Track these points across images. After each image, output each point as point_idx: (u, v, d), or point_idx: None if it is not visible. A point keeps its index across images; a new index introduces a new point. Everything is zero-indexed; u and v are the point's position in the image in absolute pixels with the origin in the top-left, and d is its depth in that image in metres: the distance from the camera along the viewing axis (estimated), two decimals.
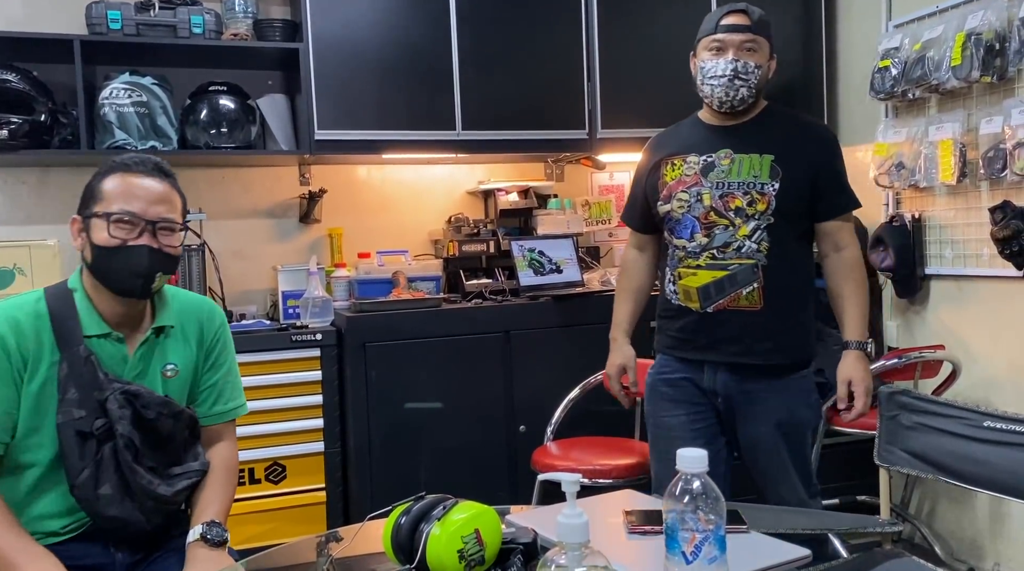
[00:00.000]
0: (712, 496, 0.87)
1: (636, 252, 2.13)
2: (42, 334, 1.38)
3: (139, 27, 2.63)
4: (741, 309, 1.86)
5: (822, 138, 1.95)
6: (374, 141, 2.80)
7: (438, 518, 1.02)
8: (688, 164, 1.92)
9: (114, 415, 1.38)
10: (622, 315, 2.09)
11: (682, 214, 1.91)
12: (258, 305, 2.99)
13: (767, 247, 1.85)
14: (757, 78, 1.87)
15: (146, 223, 1.39)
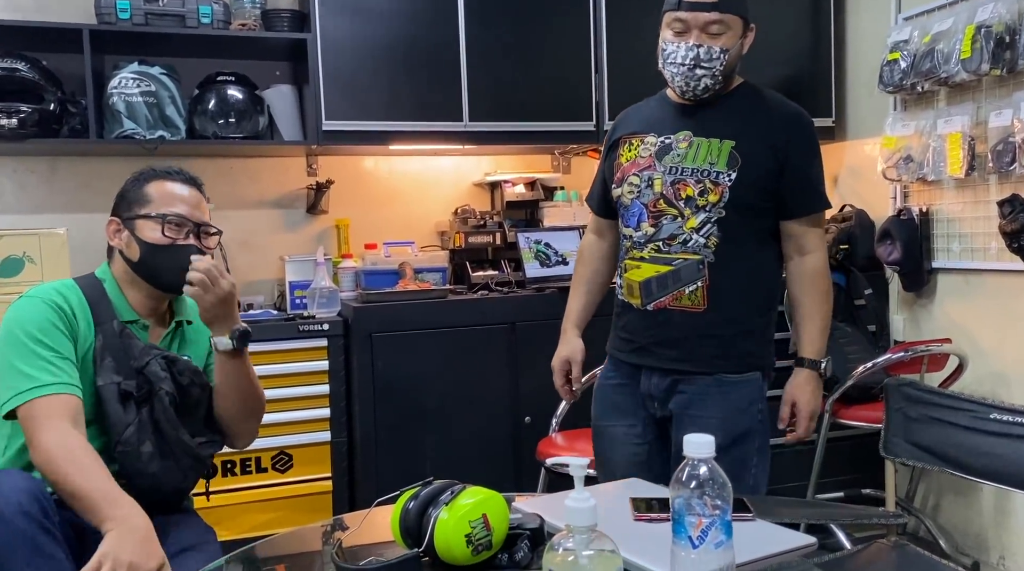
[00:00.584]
0: (719, 482, 0.88)
1: (594, 238, 1.96)
2: (82, 311, 1.50)
3: (148, 17, 2.64)
4: (683, 309, 1.69)
5: (795, 126, 1.71)
6: (382, 132, 2.80)
7: (446, 503, 1.03)
8: (645, 145, 1.75)
9: (157, 376, 1.49)
10: (573, 305, 1.95)
11: (631, 200, 1.74)
12: (265, 295, 3.00)
13: (716, 243, 1.66)
14: (723, 63, 1.65)
15: (193, 225, 1.56)
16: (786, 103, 1.75)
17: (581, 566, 0.82)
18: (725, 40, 1.65)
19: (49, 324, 1.43)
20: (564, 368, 1.91)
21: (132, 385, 1.47)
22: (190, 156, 2.92)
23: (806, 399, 1.72)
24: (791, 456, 2.93)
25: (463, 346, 2.70)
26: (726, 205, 1.65)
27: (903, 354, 2.60)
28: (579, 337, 1.92)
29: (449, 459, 2.65)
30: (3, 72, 2.48)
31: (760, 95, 1.75)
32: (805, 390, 1.72)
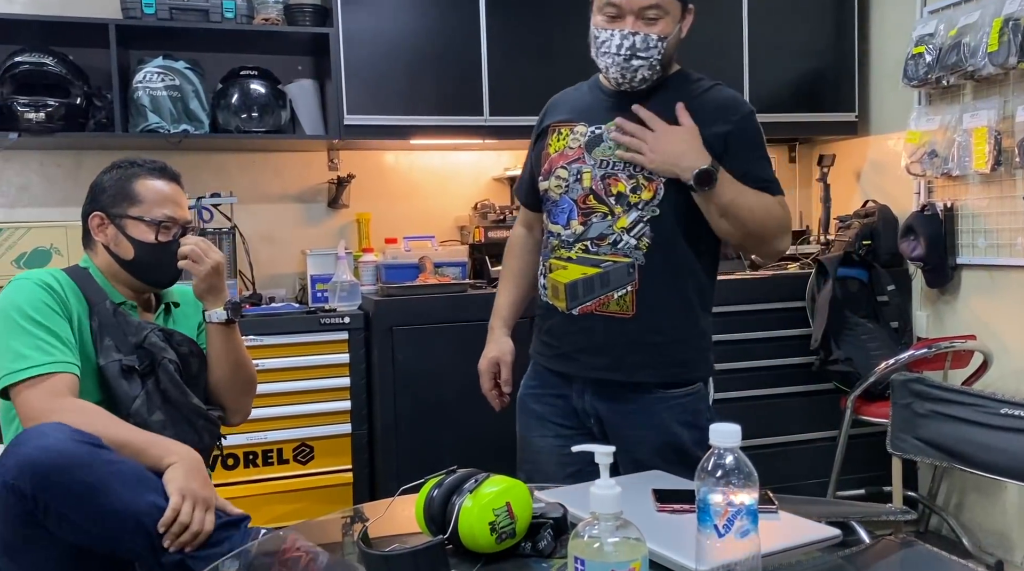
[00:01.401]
0: (745, 471, 0.88)
1: (524, 231, 1.83)
2: (74, 292, 1.53)
3: (172, 11, 2.66)
4: (610, 315, 1.56)
5: (734, 115, 1.58)
6: (403, 126, 2.82)
7: (470, 491, 1.04)
8: (574, 135, 1.61)
9: (158, 347, 1.54)
10: (501, 301, 1.82)
11: (559, 195, 1.61)
12: (287, 288, 3.02)
13: (647, 245, 1.54)
14: (661, 53, 1.52)
15: (180, 227, 1.61)
16: (724, 91, 1.62)
17: (607, 553, 0.82)
18: (663, 26, 1.52)
19: (41, 303, 1.46)
20: (492, 370, 1.77)
21: (134, 360, 1.51)
22: (213, 150, 2.95)
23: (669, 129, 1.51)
24: (812, 453, 2.92)
25: (482, 340, 2.66)
26: (660, 203, 1.53)
27: (926, 350, 2.57)
28: (508, 336, 1.79)
29: (468, 451, 2.64)
30: (31, 67, 2.51)
31: (697, 83, 1.63)
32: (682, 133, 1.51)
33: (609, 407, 1.60)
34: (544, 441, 1.67)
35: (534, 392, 1.72)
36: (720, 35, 3.07)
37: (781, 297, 2.92)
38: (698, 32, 3.24)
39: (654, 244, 1.54)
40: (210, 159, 2.97)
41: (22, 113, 2.48)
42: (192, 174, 2.91)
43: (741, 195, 1.52)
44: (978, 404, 1.68)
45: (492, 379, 1.79)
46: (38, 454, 1.26)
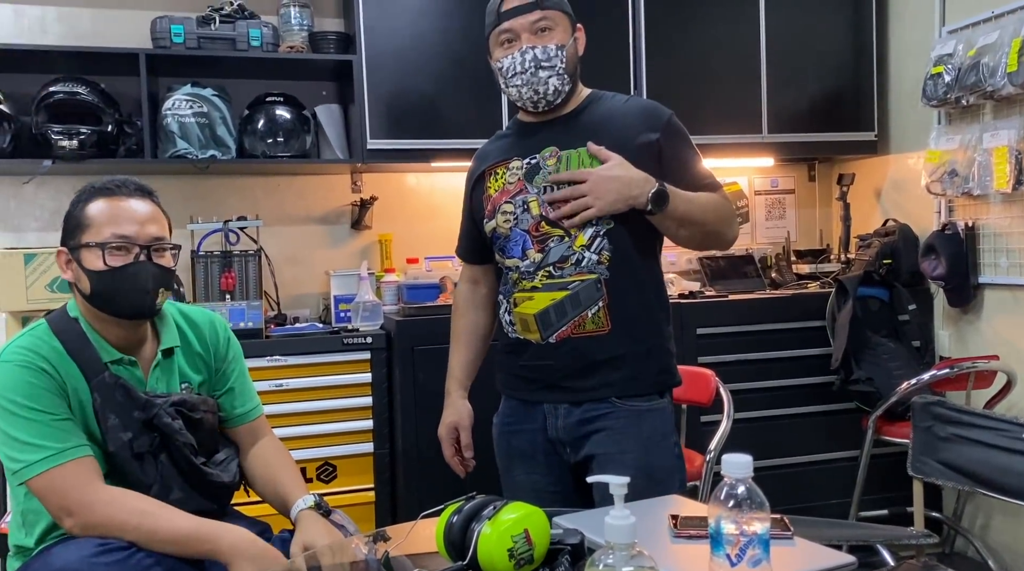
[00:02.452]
0: (757, 501, 0.89)
1: (468, 286, 1.83)
2: (66, 368, 1.39)
3: (200, 40, 2.74)
4: (588, 335, 1.57)
5: (657, 120, 1.61)
6: (424, 150, 2.86)
7: (489, 517, 1.06)
8: (511, 170, 1.64)
9: (171, 428, 1.43)
10: (454, 362, 1.80)
11: (509, 229, 1.62)
12: (311, 308, 3.07)
13: (608, 257, 1.56)
14: (563, 61, 1.57)
15: (140, 248, 1.40)
16: (640, 100, 1.73)
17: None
18: (557, 36, 1.58)
19: (31, 387, 1.34)
20: (451, 436, 1.76)
21: (144, 443, 1.41)
22: (239, 174, 3.02)
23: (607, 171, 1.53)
24: (833, 473, 2.90)
25: None
26: (613, 215, 1.56)
27: (949, 371, 2.56)
28: (464, 398, 1.78)
29: (489, 471, 2.67)
30: (65, 96, 2.59)
31: (613, 99, 1.67)
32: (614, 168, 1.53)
33: (585, 430, 1.59)
34: (529, 478, 1.67)
35: (512, 428, 1.70)
36: (739, 55, 3.09)
37: (801, 316, 2.92)
38: (717, 52, 3.29)
39: (615, 256, 1.57)
40: (236, 183, 3.03)
41: (56, 141, 2.56)
42: (219, 198, 3.00)
43: (692, 201, 1.57)
44: (1000, 428, 1.68)
45: (452, 445, 1.78)
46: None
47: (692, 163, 1.64)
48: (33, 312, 2.43)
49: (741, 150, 3.14)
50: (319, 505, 1.48)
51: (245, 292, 2.77)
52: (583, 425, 1.60)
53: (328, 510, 1.49)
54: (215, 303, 2.66)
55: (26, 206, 2.87)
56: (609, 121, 1.62)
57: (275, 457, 1.61)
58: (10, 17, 2.83)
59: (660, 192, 1.52)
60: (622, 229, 1.57)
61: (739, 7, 3.08)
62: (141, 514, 1.34)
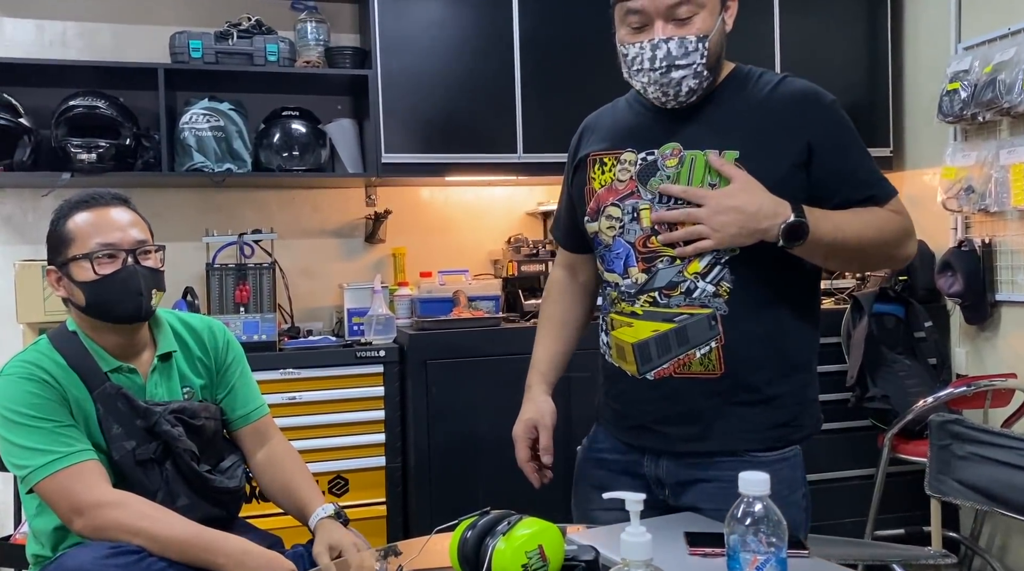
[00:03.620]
0: (774, 519, 0.89)
1: (564, 273, 1.59)
2: (69, 380, 1.42)
3: (218, 55, 2.77)
4: (693, 376, 1.32)
5: (813, 109, 1.32)
6: (438, 164, 2.88)
7: (503, 533, 1.06)
8: (622, 164, 1.37)
9: (171, 435, 1.45)
10: (539, 354, 1.58)
11: (613, 238, 1.37)
12: (324, 321, 3.09)
13: (728, 290, 1.30)
14: (705, 55, 1.27)
15: (126, 253, 1.43)
16: (793, 84, 1.35)
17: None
18: (700, 23, 1.27)
19: (35, 397, 1.37)
20: (528, 436, 1.53)
21: (148, 451, 1.43)
22: (255, 187, 3.04)
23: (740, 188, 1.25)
24: (849, 491, 2.87)
25: (516, 374, 2.69)
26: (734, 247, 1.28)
27: (965, 389, 2.54)
28: (548, 395, 1.55)
29: (501, 486, 2.65)
30: (84, 110, 2.62)
31: (759, 80, 1.35)
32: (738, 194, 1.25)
33: (697, 484, 1.35)
34: (607, 516, 1.35)
35: (598, 456, 1.49)
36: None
37: None
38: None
39: (736, 288, 1.29)
40: (252, 196, 3.06)
41: (75, 154, 2.59)
42: (234, 211, 3.02)
43: (843, 228, 1.27)
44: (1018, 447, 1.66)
45: (528, 448, 1.54)
46: None
47: (853, 169, 1.31)
48: (50, 324, 2.45)
49: None
50: (339, 514, 1.49)
51: (259, 305, 2.78)
52: (687, 469, 1.35)
53: (347, 519, 1.50)
54: (229, 316, 2.68)
55: (44, 218, 2.86)
56: (749, 115, 1.32)
57: (288, 462, 1.61)
58: (32, 32, 2.87)
59: (795, 224, 1.22)
60: (749, 258, 1.28)
61: (753, 21, 3.08)
62: (145, 518, 1.35)
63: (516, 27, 2.89)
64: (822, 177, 1.30)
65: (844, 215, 1.29)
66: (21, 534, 2.26)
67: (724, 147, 1.30)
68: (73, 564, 1.30)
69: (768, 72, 1.38)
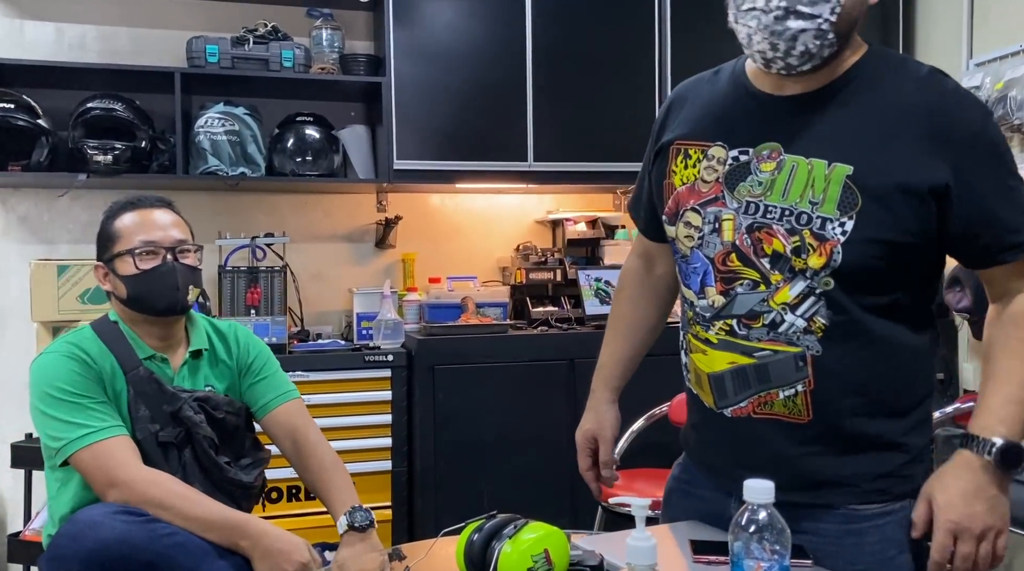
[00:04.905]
0: (778, 527, 0.90)
1: (640, 263, 1.41)
2: (107, 361, 1.51)
3: (234, 60, 2.80)
4: (776, 419, 1.13)
5: (950, 134, 1.04)
6: (450, 171, 2.90)
7: (509, 536, 1.07)
8: (709, 161, 1.16)
9: (193, 420, 1.52)
10: (606, 356, 1.42)
11: (690, 249, 1.18)
12: (334, 325, 3.11)
13: (823, 326, 1.08)
14: (835, 11, 1.01)
15: (166, 250, 1.55)
16: (945, 84, 1.07)
17: None
18: None
19: (76, 375, 1.46)
20: (589, 446, 1.40)
21: (170, 434, 1.50)
22: (268, 192, 3.07)
23: (947, 499, 1.05)
24: None
25: (522, 381, 2.74)
26: (835, 273, 1.06)
27: (973, 404, 2.52)
28: (613, 402, 1.41)
29: (506, 493, 2.68)
30: (101, 112, 2.66)
31: (900, 72, 1.09)
32: (950, 486, 1.06)
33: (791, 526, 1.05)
34: None
35: (689, 489, 1.31)
36: None
37: None
38: None
39: (833, 325, 1.08)
40: (264, 200, 3.09)
41: (91, 155, 2.62)
42: (247, 214, 3.05)
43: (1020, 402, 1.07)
44: None
45: (589, 456, 1.41)
46: (96, 545, 1.30)
47: (997, 211, 1.06)
48: (64, 322, 2.48)
49: None
50: (354, 526, 1.52)
51: (270, 307, 2.81)
52: None
53: (367, 524, 1.53)
54: (240, 318, 2.70)
55: (59, 219, 2.93)
56: (878, 119, 1.06)
57: (318, 456, 1.64)
58: (52, 35, 2.91)
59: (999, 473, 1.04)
60: (852, 289, 1.07)
61: None
62: (177, 496, 1.42)
63: (529, 36, 2.92)
64: (960, 215, 1.06)
65: (1000, 382, 1.09)
66: (31, 530, 2.28)
67: (835, 158, 1.06)
68: (85, 517, 1.37)
69: (912, 61, 1.13)
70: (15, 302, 2.82)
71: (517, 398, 2.73)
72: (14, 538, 2.32)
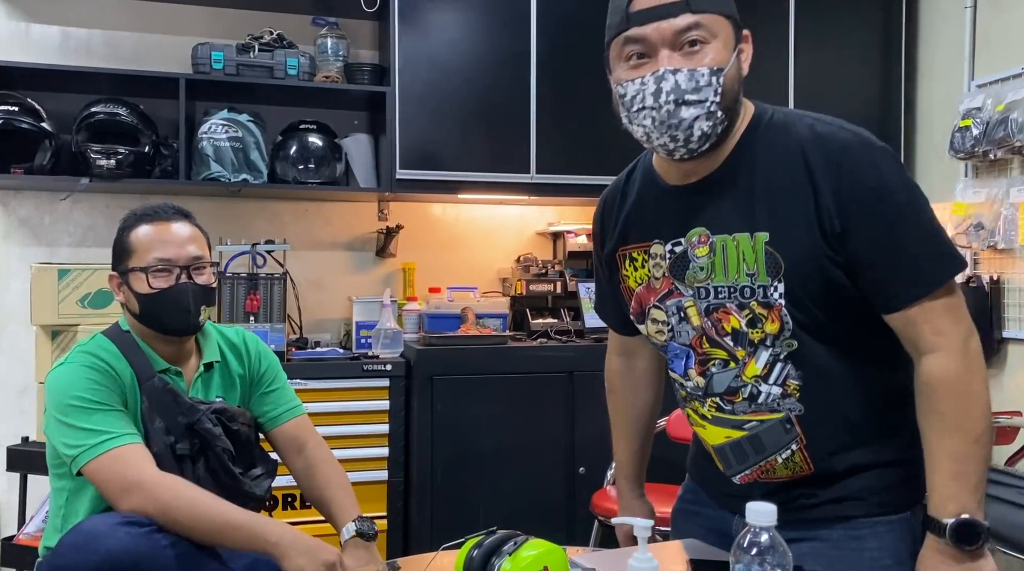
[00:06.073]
0: (779, 550, 0.90)
1: (621, 360, 1.46)
2: (122, 369, 1.49)
3: (239, 67, 2.81)
4: (781, 480, 1.19)
5: (849, 170, 1.08)
6: (452, 181, 2.91)
7: (509, 553, 1.07)
8: (654, 260, 1.22)
9: (212, 433, 1.50)
10: (620, 456, 1.49)
11: (665, 342, 1.24)
12: (332, 334, 3.10)
13: (798, 387, 1.13)
14: (719, 91, 1.08)
15: (181, 269, 1.51)
16: (823, 131, 1.12)
17: None
18: (713, 53, 1.08)
19: (94, 384, 1.43)
20: (629, 542, 1.42)
21: (186, 447, 1.48)
22: (270, 199, 3.07)
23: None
24: None
25: (521, 393, 2.74)
26: (795, 332, 1.12)
27: None
28: (641, 495, 1.49)
29: (502, 506, 2.67)
30: (105, 116, 2.66)
31: (784, 130, 1.13)
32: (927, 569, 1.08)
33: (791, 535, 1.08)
34: None
35: (688, 507, 1.39)
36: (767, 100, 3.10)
37: None
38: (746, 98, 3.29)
39: (807, 383, 1.13)
40: (266, 207, 3.09)
41: (94, 159, 2.62)
42: (248, 221, 3.05)
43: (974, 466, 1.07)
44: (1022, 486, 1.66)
45: None
46: (101, 557, 1.27)
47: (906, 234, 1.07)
48: (63, 326, 2.48)
49: None
50: (363, 534, 1.50)
51: (269, 315, 2.80)
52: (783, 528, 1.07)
53: (374, 534, 1.51)
54: (239, 324, 2.69)
55: (60, 222, 2.93)
56: (775, 180, 1.11)
57: (323, 472, 1.62)
58: (57, 38, 2.92)
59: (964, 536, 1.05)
60: (811, 347, 1.12)
61: (767, 54, 3.11)
62: (197, 503, 1.39)
63: (533, 49, 2.93)
64: (861, 265, 1.09)
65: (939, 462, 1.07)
66: (25, 535, 2.27)
67: (753, 228, 1.11)
68: (88, 527, 1.35)
69: (794, 115, 1.16)
70: (15, 306, 2.82)
71: (515, 410, 2.73)
72: (8, 542, 2.31)
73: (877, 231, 1.07)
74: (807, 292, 1.10)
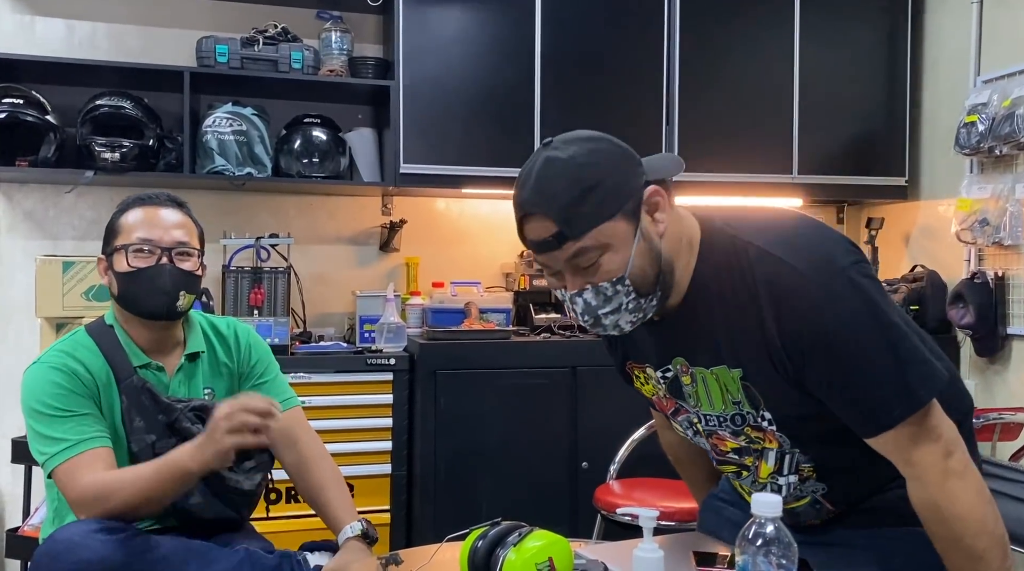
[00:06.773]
0: (784, 541, 0.89)
1: (672, 434, 1.43)
2: (101, 370, 1.48)
3: (243, 61, 2.81)
4: (812, 525, 1.27)
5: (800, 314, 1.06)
6: (456, 176, 2.90)
7: (514, 544, 1.07)
8: (652, 379, 1.28)
9: (190, 432, 1.47)
10: None
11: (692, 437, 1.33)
12: (336, 327, 3.10)
13: (813, 469, 1.20)
14: (631, 294, 1.10)
15: (163, 250, 1.49)
16: (772, 277, 1.08)
17: None
18: (608, 265, 1.08)
19: (62, 390, 1.42)
20: None
21: (167, 445, 1.45)
22: (274, 192, 3.07)
23: None
24: None
25: (524, 387, 2.74)
26: (793, 444, 1.18)
27: (974, 421, 2.53)
28: None
29: (505, 499, 2.67)
30: (110, 109, 2.66)
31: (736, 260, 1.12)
32: None
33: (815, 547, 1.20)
34: None
35: (718, 506, 1.43)
36: (772, 95, 3.11)
37: None
38: (750, 92, 3.31)
39: (821, 463, 1.19)
40: (270, 201, 3.09)
41: (99, 152, 2.62)
42: (252, 214, 3.05)
43: None
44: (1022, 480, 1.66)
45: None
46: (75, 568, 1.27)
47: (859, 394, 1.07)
48: (68, 319, 2.48)
49: (770, 190, 3.15)
50: (366, 534, 1.49)
51: (273, 308, 2.81)
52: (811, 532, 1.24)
53: (375, 537, 1.50)
54: (243, 318, 2.69)
55: (65, 215, 2.93)
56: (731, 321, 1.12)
57: (318, 469, 1.60)
58: (62, 31, 2.92)
59: None
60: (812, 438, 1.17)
61: (773, 48, 3.11)
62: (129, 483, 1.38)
63: (538, 42, 2.92)
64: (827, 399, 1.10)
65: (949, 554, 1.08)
66: (29, 526, 2.28)
67: (728, 364, 1.14)
68: (63, 536, 1.34)
69: (741, 241, 1.12)
70: (19, 298, 2.82)
71: (518, 404, 2.73)
72: (13, 533, 2.31)
73: (831, 375, 1.08)
74: (796, 414, 1.15)
